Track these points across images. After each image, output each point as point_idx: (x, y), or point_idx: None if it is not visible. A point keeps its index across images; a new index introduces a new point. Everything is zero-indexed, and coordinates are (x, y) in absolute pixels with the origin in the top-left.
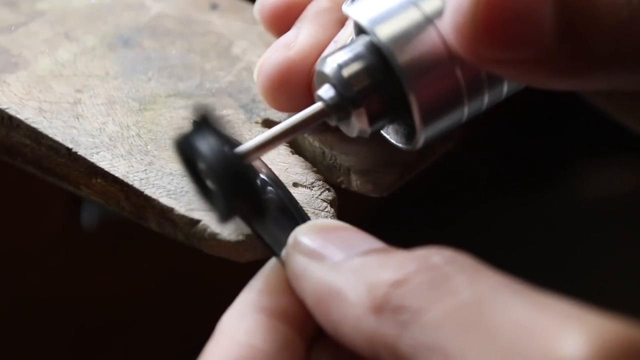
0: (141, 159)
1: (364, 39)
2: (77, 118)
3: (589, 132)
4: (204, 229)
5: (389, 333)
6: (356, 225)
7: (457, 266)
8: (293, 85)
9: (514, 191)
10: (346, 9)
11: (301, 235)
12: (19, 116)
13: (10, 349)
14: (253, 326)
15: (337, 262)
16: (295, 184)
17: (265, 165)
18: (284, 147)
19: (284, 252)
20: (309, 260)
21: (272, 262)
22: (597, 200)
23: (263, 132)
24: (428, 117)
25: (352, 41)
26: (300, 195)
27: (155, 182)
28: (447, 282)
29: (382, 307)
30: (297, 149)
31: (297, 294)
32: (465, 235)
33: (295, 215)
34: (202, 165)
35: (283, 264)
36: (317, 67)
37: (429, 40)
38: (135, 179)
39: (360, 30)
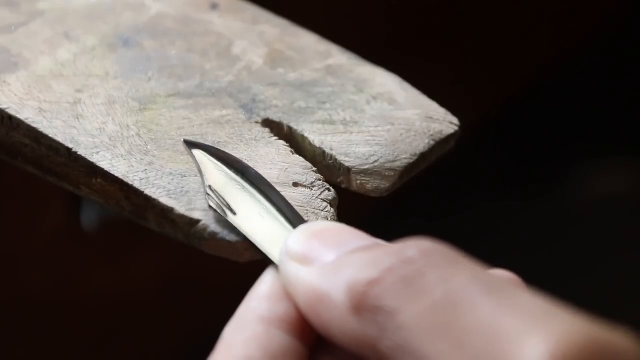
0: (141, 159)
1: None
2: (77, 118)
3: (588, 133)
4: (204, 229)
5: (370, 334)
6: (356, 225)
7: (432, 260)
8: None
9: (513, 192)
10: None
11: (291, 241)
12: (19, 116)
13: (10, 349)
14: (250, 337)
15: (325, 264)
16: (295, 184)
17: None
18: (284, 147)
19: (278, 259)
20: (299, 266)
21: (271, 268)
22: (598, 201)
23: (263, 131)
24: None
25: None
26: (300, 195)
27: (155, 182)
28: (421, 280)
29: (362, 307)
30: (297, 149)
31: (293, 300)
32: (465, 235)
33: (292, 220)
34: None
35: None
36: None
37: None
38: (135, 179)
39: None
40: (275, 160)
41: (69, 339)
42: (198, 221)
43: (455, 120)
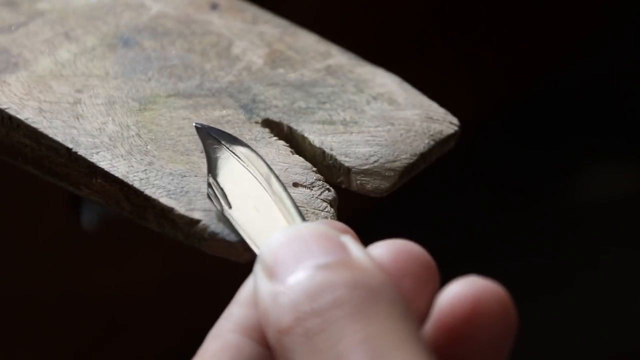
0: (141, 159)
1: None
2: (77, 118)
3: (588, 134)
4: (204, 229)
5: None
6: (356, 225)
7: (339, 312)
8: None
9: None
10: None
11: (265, 247)
12: (19, 116)
13: (9, 349)
14: (220, 347)
15: (280, 281)
16: (295, 184)
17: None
18: (284, 147)
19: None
20: (264, 278)
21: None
22: (598, 202)
23: (263, 131)
24: None
25: None
26: (300, 195)
27: (155, 182)
28: (319, 336)
29: (276, 350)
30: (297, 149)
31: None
32: (465, 236)
33: (285, 218)
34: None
35: None
36: None
37: None
38: (135, 179)
39: None
40: (275, 161)
41: (68, 338)
42: (198, 221)
43: (455, 121)
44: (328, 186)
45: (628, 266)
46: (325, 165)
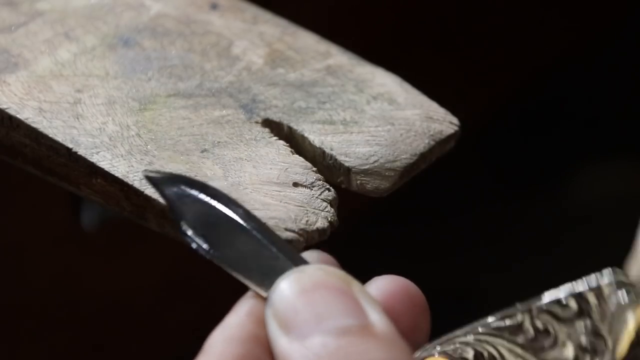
0: (141, 159)
1: None
2: (77, 118)
3: (589, 134)
4: None
5: None
6: (356, 226)
7: None
8: None
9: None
10: None
11: (276, 296)
12: (19, 116)
13: (9, 349)
14: (241, 355)
15: (301, 339)
16: (295, 184)
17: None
18: (284, 147)
19: (264, 294)
20: (277, 328)
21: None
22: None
23: (263, 131)
24: None
25: None
26: (300, 195)
27: None
28: None
29: None
30: (297, 149)
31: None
32: (465, 236)
33: (279, 256)
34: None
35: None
36: None
37: None
38: (135, 179)
39: None
40: (275, 160)
41: (68, 338)
42: None
43: (455, 120)
44: (328, 186)
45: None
46: (325, 165)
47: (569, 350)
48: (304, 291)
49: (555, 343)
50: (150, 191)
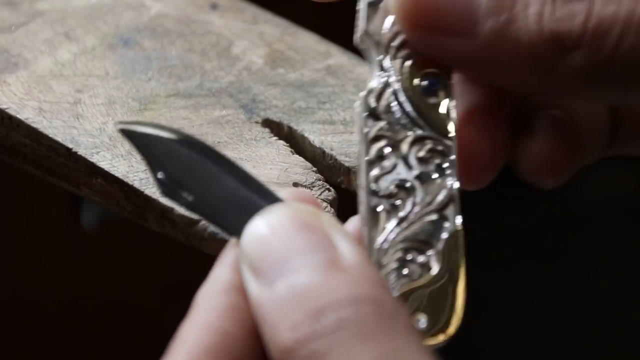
0: (141, 159)
1: None
2: (77, 118)
3: None
4: (204, 229)
5: None
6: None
7: (345, 333)
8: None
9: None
10: None
11: (246, 239)
12: (19, 116)
13: (9, 349)
14: (226, 307)
15: (267, 294)
16: (295, 184)
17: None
18: (284, 147)
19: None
20: (248, 273)
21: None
22: (600, 203)
23: (263, 131)
24: None
25: None
26: None
27: None
28: (328, 357)
29: None
30: (297, 149)
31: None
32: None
33: (254, 197)
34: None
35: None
36: None
37: None
38: (135, 179)
39: None
40: (275, 160)
41: (68, 338)
42: (198, 221)
43: None
44: (328, 186)
45: (630, 266)
46: (325, 165)
47: None
48: (272, 232)
49: None
50: (151, 191)
